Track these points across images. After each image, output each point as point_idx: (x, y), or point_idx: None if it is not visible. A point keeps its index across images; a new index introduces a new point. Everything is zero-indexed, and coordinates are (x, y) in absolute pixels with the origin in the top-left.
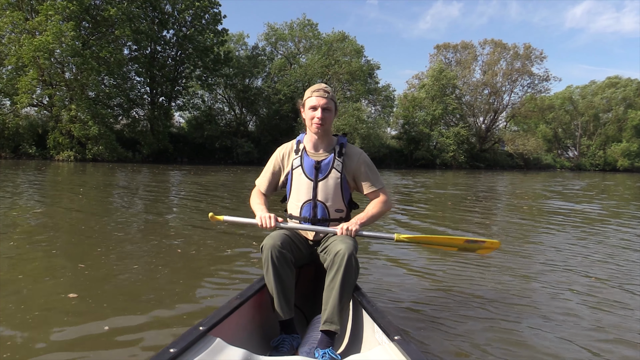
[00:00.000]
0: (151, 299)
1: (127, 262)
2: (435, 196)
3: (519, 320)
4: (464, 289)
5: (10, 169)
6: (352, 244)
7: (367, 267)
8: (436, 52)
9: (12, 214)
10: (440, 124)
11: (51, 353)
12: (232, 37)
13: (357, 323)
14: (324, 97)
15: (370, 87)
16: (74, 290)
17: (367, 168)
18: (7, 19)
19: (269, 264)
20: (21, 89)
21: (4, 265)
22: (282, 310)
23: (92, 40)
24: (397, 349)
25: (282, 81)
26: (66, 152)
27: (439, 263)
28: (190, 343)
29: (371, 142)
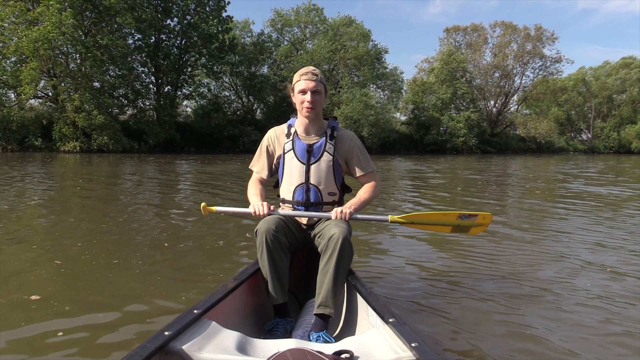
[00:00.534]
0: (137, 293)
1: (122, 253)
2: (446, 181)
3: (519, 307)
4: (465, 275)
5: (16, 161)
6: (346, 227)
7: (362, 254)
8: (446, 35)
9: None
10: (450, 108)
11: (49, 349)
12: (237, 24)
13: (351, 306)
14: (313, 80)
15: (378, 72)
16: (61, 281)
17: (358, 151)
18: (10, 10)
19: (264, 248)
20: (24, 80)
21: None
22: (276, 294)
23: (94, 30)
24: (392, 331)
25: (289, 68)
26: (71, 143)
27: (439, 249)
28: (185, 326)
29: (380, 128)
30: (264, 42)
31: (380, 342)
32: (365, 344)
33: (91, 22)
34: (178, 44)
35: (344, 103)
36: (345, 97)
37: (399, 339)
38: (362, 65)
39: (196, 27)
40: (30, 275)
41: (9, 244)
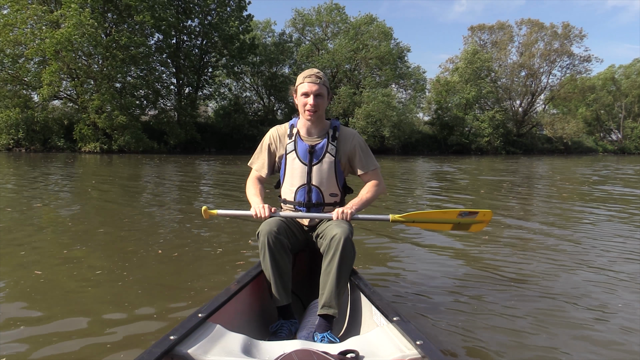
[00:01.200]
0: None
1: (131, 257)
2: (469, 183)
3: (526, 309)
4: (472, 276)
5: (38, 161)
6: (348, 227)
7: (364, 254)
8: (470, 34)
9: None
10: (474, 108)
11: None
12: (258, 24)
13: (355, 306)
14: (316, 83)
15: (400, 72)
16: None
17: (361, 150)
18: (31, 12)
19: (266, 250)
20: (44, 82)
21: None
22: (280, 296)
23: (114, 31)
24: (396, 330)
25: (310, 67)
26: (92, 143)
27: (444, 250)
28: (190, 330)
29: (402, 129)
30: (284, 42)
31: (385, 340)
32: (370, 343)
33: (112, 23)
34: (199, 44)
35: (365, 103)
36: (366, 97)
37: (403, 337)
38: (383, 65)
39: (217, 28)
40: (32, 277)
41: (11, 245)
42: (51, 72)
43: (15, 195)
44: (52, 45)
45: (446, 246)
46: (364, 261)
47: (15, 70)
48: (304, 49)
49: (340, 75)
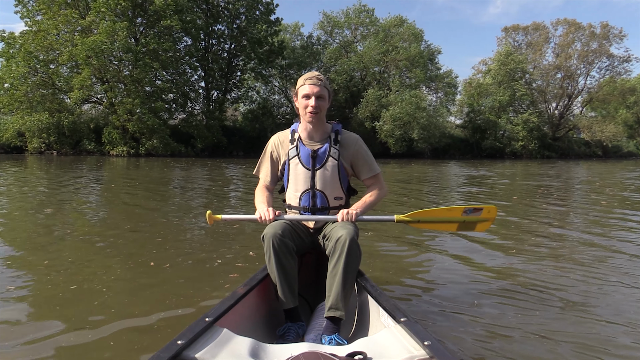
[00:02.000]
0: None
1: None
2: (502, 188)
3: (536, 312)
4: (484, 280)
5: (67, 164)
6: (353, 229)
7: (370, 255)
8: (504, 35)
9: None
10: (508, 111)
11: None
12: (287, 27)
13: (362, 308)
14: (317, 85)
15: (431, 74)
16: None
17: (363, 154)
18: (62, 18)
19: (271, 253)
20: (75, 86)
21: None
22: (286, 299)
23: (142, 36)
24: (404, 331)
25: (337, 70)
26: (120, 147)
27: (454, 252)
28: (198, 334)
29: (431, 131)
30: (312, 45)
31: (393, 341)
32: (378, 345)
33: (141, 27)
34: (227, 48)
35: (393, 105)
36: (394, 99)
37: (411, 338)
38: (413, 67)
39: (245, 31)
40: (41, 280)
41: (32, 247)
42: (82, 79)
43: (43, 198)
44: (83, 52)
45: (459, 252)
46: (370, 263)
47: (47, 75)
48: (331, 51)
49: (369, 78)
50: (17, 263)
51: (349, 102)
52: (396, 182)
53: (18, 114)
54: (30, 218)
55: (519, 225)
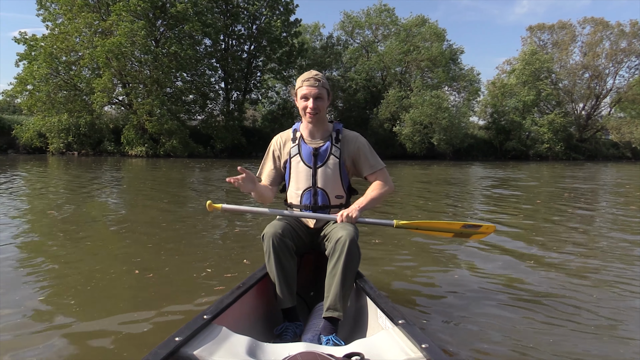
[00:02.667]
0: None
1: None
2: (525, 192)
3: (534, 316)
4: (483, 284)
5: (87, 165)
6: (353, 230)
7: (370, 257)
8: (529, 34)
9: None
10: (533, 112)
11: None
12: (307, 28)
13: (360, 309)
14: (315, 86)
15: (453, 74)
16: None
17: (365, 150)
18: (82, 21)
19: (271, 252)
20: (96, 88)
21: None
22: (285, 298)
23: (164, 38)
24: (402, 333)
25: (357, 70)
26: (139, 147)
27: (452, 256)
28: (195, 332)
29: (453, 132)
30: (332, 45)
31: (391, 343)
32: (375, 346)
33: (162, 29)
34: (247, 49)
35: (414, 107)
36: (414, 100)
37: (409, 340)
38: (435, 67)
39: (265, 32)
40: (46, 278)
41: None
42: (103, 82)
43: (58, 198)
44: (103, 54)
45: (464, 257)
46: (369, 265)
47: (69, 77)
48: (352, 51)
49: (389, 78)
50: (34, 260)
51: (369, 102)
52: (416, 183)
53: (39, 115)
54: (47, 217)
55: (539, 230)
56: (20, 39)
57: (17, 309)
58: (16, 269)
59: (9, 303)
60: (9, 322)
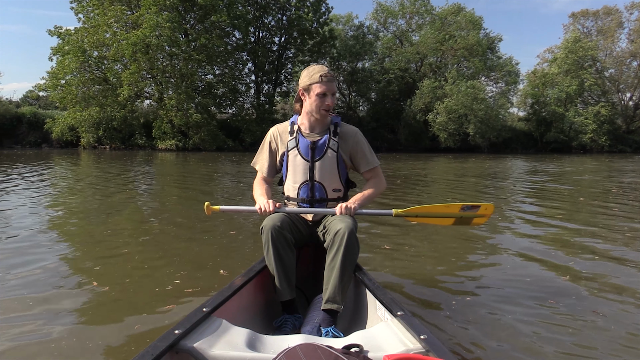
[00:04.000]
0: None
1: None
2: (568, 188)
3: (536, 309)
4: (482, 274)
5: (117, 159)
6: (352, 222)
7: (369, 249)
8: (572, 21)
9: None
10: (576, 102)
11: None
12: (340, 18)
13: (359, 301)
14: (332, 82)
15: (491, 64)
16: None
17: (363, 147)
18: (112, 14)
19: (270, 245)
20: (124, 82)
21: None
22: (284, 291)
23: (192, 30)
24: (401, 324)
25: (391, 61)
26: (168, 141)
27: (451, 246)
28: (195, 324)
29: (489, 124)
30: (365, 36)
31: (390, 335)
32: (374, 338)
33: (192, 21)
34: (278, 40)
35: (448, 96)
36: (449, 90)
37: (407, 332)
38: (471, 56)
39: (295, 23)
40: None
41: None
42: (130, 73)
43: (89, 193)
44: (129, 47)
45: (468, 251)
46: (368, 257)
47: (101, 71)
48: (386, 41)
49: (424, 68)
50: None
51: (403, 93)
52: (451, 176)
53: (71, 109)
54: (80, 212)
55: (576, 232)
56: (54, 31)
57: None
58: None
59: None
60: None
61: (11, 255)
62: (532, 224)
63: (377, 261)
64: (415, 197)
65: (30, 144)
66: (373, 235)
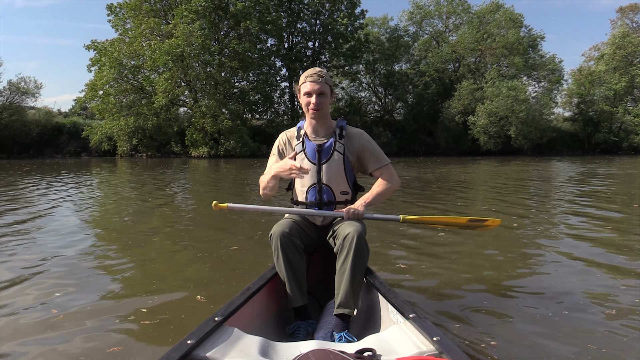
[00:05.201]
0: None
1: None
2: (618, 193)
3: (548, 310)
4: (493, 277)
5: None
6: (360, 226)
7: (378, 253)
8: (620, 16)
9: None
10: (626, 100)
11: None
12: (375, 21)
13: (371, 305)
14: (318, 82)
15: (533, 62)
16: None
17: (369, 146)
18: (147, 25)
19: (279, 251)
20: (158, 89)
21: None
22: (295, 297)
23: (225, 38)
24: (413, 327)
25: (428, 63)
26: (201, 148)
27: (462, 249)
28: (207, 334)
29: (533, 126)
30: (400, 37)
31: (402, 337)
32: (387, 341)
33: (226, 28)
34: (312, 45)
35: (488, 99)
36: (490, 92)
37: (420, 334)
38: (511, 55)
39: (329, 28)
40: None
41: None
42: (164, 79)
43: (123, 201)
44: (162, 56)
45: (477, 255)
46: (379, 261)
47: (136, 80)
48: (422, 42)
49: (462, 69)
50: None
51: (441, 95)
52: (492, 181)
53: (108, 118)
54: (115, 217)
55: (620, 245)
56: (91, 45)
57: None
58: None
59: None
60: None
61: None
62: (570, 227)
63: (387, 265)
64: (450, 207)
65: (70, 153)
66: (383, 239)
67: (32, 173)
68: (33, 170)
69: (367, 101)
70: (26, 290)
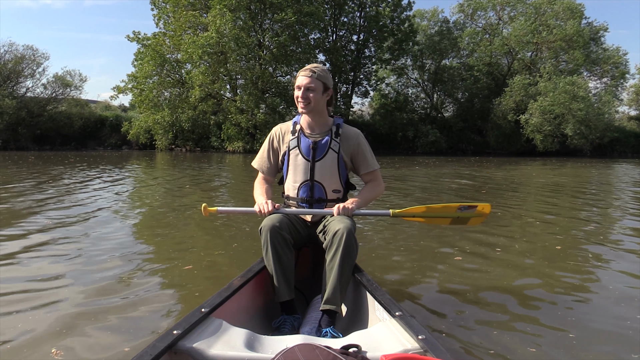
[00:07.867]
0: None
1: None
2: None
3: (532, 309)
4: (479, 273)
5: (191, 161)
6: (350, 223)
7: (367, 250)
8: None
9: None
10: None
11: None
12: (424, 13)
13: (358, 301)
14: (308, 77)
15: (595, 57)
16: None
17: (364, 149)
18: (185, 19)
19: (268, 245)
20: (195, 83)
21: None
22: (283, 291)
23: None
24: (399, 325)
25: (479, 57)
26: (237, 142)
27: (449, 248)
28: (194, 325)
29: (593, 124)
30: (450, 31)
31: (388, 335)
32: (372, 338)
33: (265, 20)
34: (356, 39)
35: (543, 94)
36: (544, 87)
37: (406, 332)
38: (570, 48)
39: (374, 20)
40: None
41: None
42: (200, 72)
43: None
44: (196, 49)
45: (469, 252)
46: (367, 259)
47: (177, 73)
48: (469, 33)
49: (516, 63)
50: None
51: (492, 92)
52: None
53: (146, 111)
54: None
55: None
56: (134, 37)
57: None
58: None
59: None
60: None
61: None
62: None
63: (375, 262)
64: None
65: (112, 145)
66: (371, 236)
67: (77, 166)
68: (77, 162)
69: (416, 97)
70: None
